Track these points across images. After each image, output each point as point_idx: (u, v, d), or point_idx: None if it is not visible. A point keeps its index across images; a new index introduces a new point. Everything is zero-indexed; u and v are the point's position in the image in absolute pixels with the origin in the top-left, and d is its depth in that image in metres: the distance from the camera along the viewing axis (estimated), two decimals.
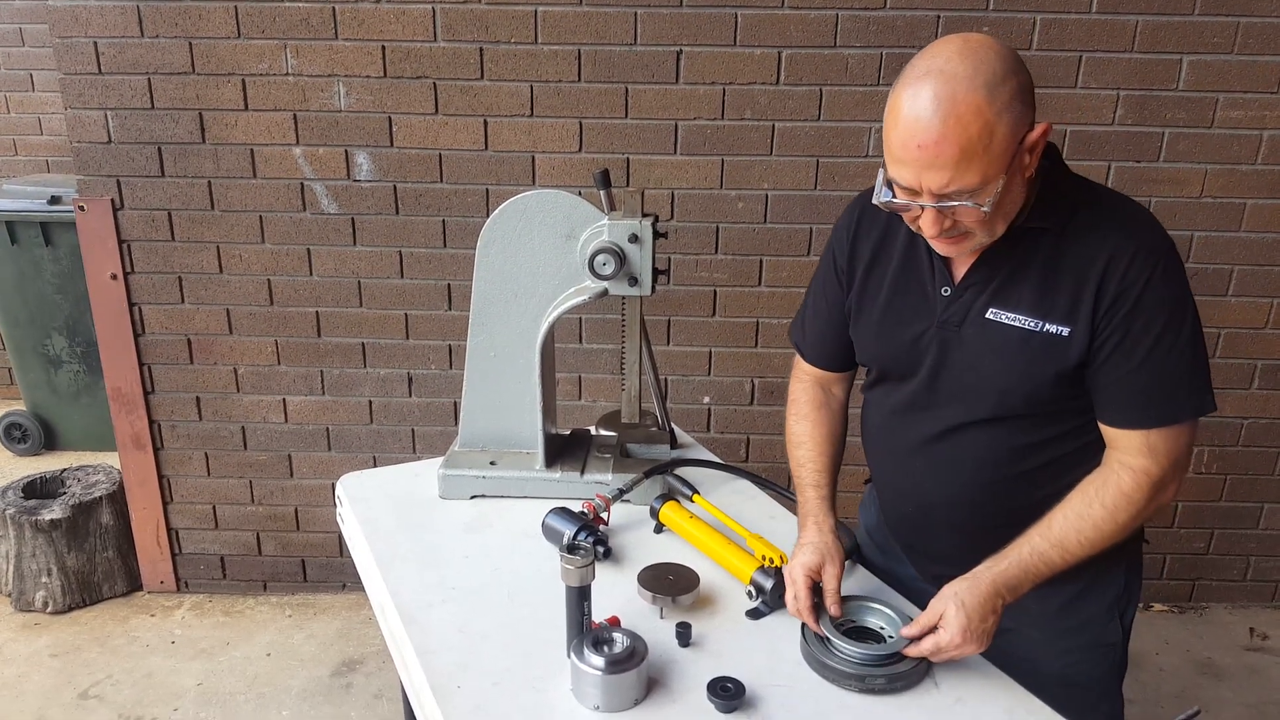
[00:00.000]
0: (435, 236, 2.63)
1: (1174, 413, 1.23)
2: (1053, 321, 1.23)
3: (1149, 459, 1.23)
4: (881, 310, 1.38)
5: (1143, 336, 1.21)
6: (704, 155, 2.55)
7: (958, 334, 1.30)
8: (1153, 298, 1.20)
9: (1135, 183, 2.55)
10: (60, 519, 2.84)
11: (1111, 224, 1.23)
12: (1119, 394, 1.24)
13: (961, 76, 1.10)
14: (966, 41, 1.13)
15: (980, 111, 1.10)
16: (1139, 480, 1.24)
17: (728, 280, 2.65)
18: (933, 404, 1.35)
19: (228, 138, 2.55)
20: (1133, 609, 1.44)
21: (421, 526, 1.65)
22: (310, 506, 2.91)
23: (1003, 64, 1.12)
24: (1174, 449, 1.24)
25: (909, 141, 1.13)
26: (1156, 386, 1.22)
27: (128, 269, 2.67)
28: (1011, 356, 1.26)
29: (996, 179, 1.13)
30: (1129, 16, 2.41)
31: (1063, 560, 1.24)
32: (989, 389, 1.29)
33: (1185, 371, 1.23)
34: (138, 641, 2.77)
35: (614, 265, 1.58)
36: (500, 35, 2.45)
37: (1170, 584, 2.97)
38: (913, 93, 1.12)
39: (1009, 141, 1.13)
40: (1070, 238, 1.23)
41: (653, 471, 1.71)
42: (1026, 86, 1.15)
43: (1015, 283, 1.26)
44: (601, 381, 2.77)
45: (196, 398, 2.80)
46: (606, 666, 1.18)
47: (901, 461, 1.42)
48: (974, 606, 1.20)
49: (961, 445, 1.34)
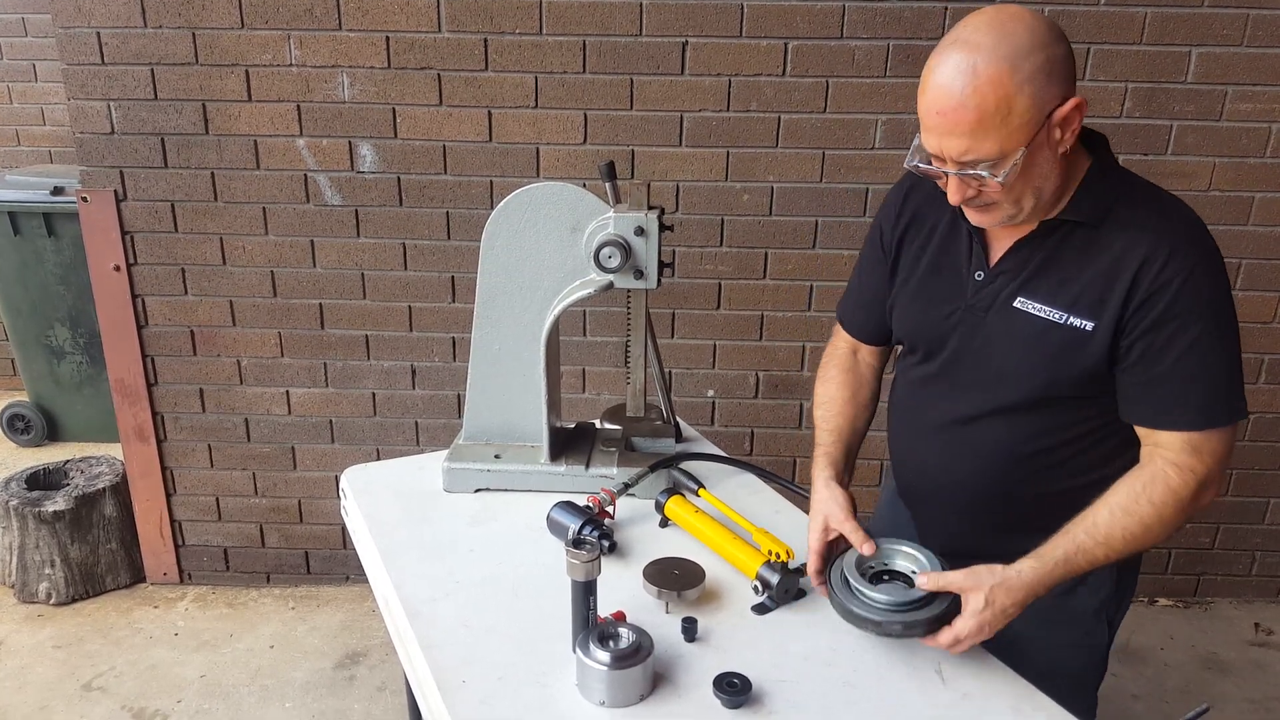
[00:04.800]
0: (439, 228, 2.62)
1: (1214, 415, 1.22)
2: (1078, 315, 1.23)
3: (1195, 458, 1.22)
4: (917, 285, 1.40)
5: (1178, 337, 1.19)
6: (709, 147, 2.53)
7: (984, 319, 1.31)
8: (1188, 299, 1.18)
9: (1143, 175, 2.53)
10: (63, 510, 2.84)
11: (1149, 221, 1.22)
12: (1153, 395, 1.23)
13: (985, 47, 1.12)
14: (999, 12, 1.15)
15: (999, 83, 1.11)
16: (1186, 479, 1.22)
17: (732, 273, 2.64)
18: (953, 386, 1.36)
19: (231, 129, 2.54)
20: (1121, 613, 1.45)
21: (426, 520, 1.64)
22: (313, 499, 2.91)
23: (1031, 37, 1.13)
24: (1219, 449, 1.23)
25: (931, 108, 1.16)
26: (1194, 390, 1.21)
27: (131, 260, 2.66)
28: (1033, 347, 1.26)
29: (1015, 151, 1.14)
30: (1137, 8, 2.39)
31: (1106, 557, 1.23)
32: (1008, 377, 1.30)
33: (1225, 372, 1.22)
34: (141, 633, 2.77)
35: (619, 258, 1.56)
36: (505, 26, 2.44)
37: (1175, 579, 2.97)
38: (939, 61, 1.16)
39: (1031, 114, 1.13)
40: (1106, 232, 1.22)
41: (658, 465, 1.70)
42: (1058, 60, 1.14)
43: (1046, 274, 1.26)
44: (605, 374, 2.76)
45: (200, 389, 2.79)
46: (612, 662, 1.18)
47: (917, 437, 1.44)
48: (1003, 606, 1.20)
49: (975, 431, 1.34)
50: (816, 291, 2.66)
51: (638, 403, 1.80)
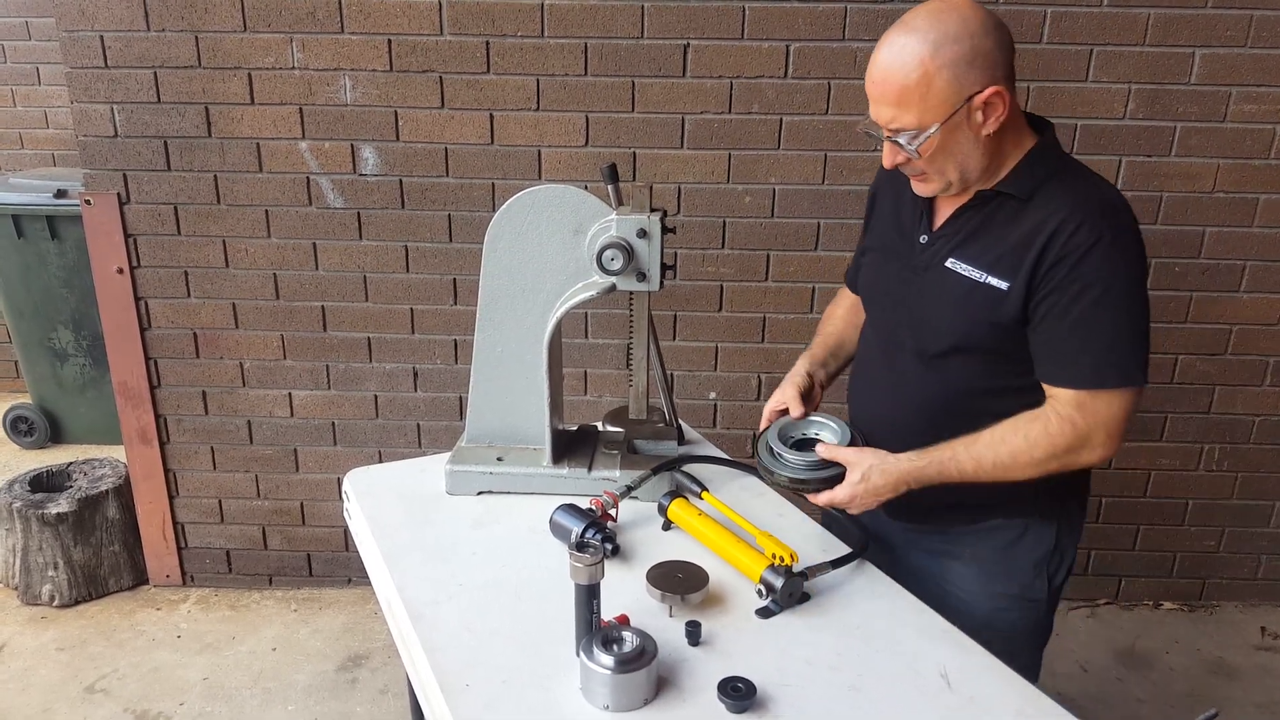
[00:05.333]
0: (441, 231, 2.62)
1: (1102, 376, 1.33)
2: (996, 275, 1.36)
3: (1077, 413, 1.34)
4: (879, 246, 1.57)
5: (1079, 300, 1.30)
6: (711, 149, 2.53)
7: (923, 277, 1.45)
8: (1093, 265, 1.29)
9: (1147, 177, 2.53)
10: (67, 513, 2.84)
11: (1070, 195, 1.33)
12: (1052, 352, 1.35)
13: (918, 31, 1.28)
14: (942, 3, 1.30)
15: (922, 62, 1.26)
16: (1063, 429, 1.34)
17: (734, 275, 2.64)
18: (895, 339, 1.51)
19: (234, 132, 2.54)
20: (1063, 574, 1.54)
21: (428, 522, 1.64)
22: (316, 501, 2.90)
23: (962, 27, 1.27)
24: (1105, 412, 1.33)
25: (868, 78, 1.33)
26: (1087, 350, 1.32)
27: (134, 263, 2.67)
28: (957, 303, 1.40)
29: (932, 125, 1.29)
30: (1140, 9, 2.39)
31: (975, 473, 1.38)
32: (937, 330, 1.43)
33: (1117, 341, 1.33)
34: (144, 635, 2.77)
35: (622, 260, 1.56)
36: (506, 29, 2.44)
37: (1180, 582, 2.96)
38: (883, 40, 1.32)
39: (948, 94, 1.28)
40: (1034, 205, 1.35)
41: (661, 468, 1.69)
42: (983, 51, 1.28)
43: (976, 238, 1.40)
44: (607, 376, 2.75)
45: (202, 392, 2.79)
46: (616, 666, 1.17)
47: (866, 386, 1.61)
48: (876, 485, 1.40)
49: (910, 380, 1.49)
50: (819, 293, 2.65)
51: (640, 405, 1.79)
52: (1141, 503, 2.87)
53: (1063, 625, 2.87)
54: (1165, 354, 2.71)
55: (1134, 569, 2.95)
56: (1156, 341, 2.68)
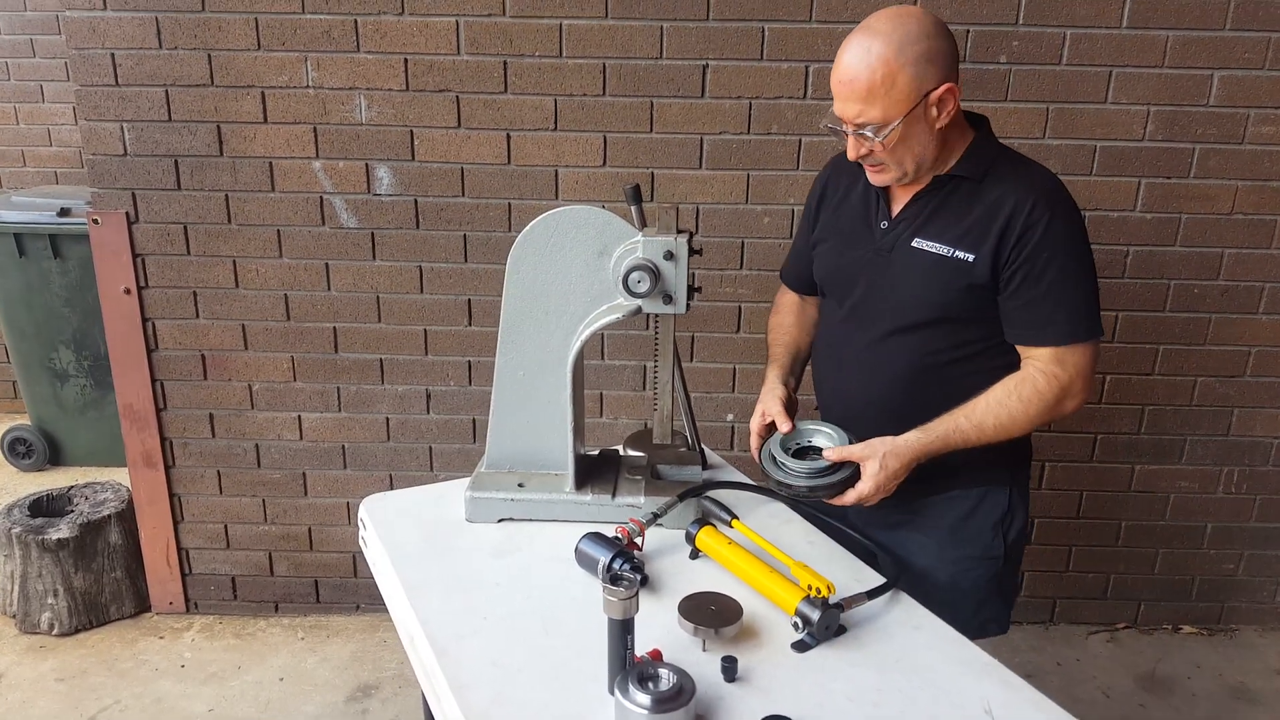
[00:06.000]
0: (456, 251, 2.59)
1: (1075, 331, 1.50)
2: (962, 249, 1.51)
3: (1059, 368, 1.51)
4: (832, 238, 1.71)
5: (1048, 268, 1.47)
6: (730, 170, 2.51)
7: (889, 258, 1.59)
8: (1053, 236, 1.46)
9: (1165, 199, 2.52)
10: (67, 538, 2.79)
11: (1018, 177, 1.52)
12: (1030, 316, 1.51)
13: (881, 33, 1.42)
14: (900, 9, 1.46)
15: (887, 61, 1.41)
16: (1050, 384, 1.50)
17: (752, 296, 2.61)
18: (864, 317, 1.63)
19: (246, 151, 2.52)
20: (1015, 531, 1.68)
21: (449, 551, 1.60)
22: (324, 526, 2.85)
23: (919, 29, 1.42)
24: (1080, 362, 1.51)
25: (836, 78, 1.46)
26: (1060, 310, 1.49)
27: (141, 283, 2.63)
28: (928, 276, 1.54)
29: (896, 118, 1.43)
30: (1159, 31, 2.38)
31: (979, 438, 1.52)
32: (910, 303, 1.56)
33: (1084, 298, 1.51)
34: (146, 665, 2.71)
35: (649, 283, 1.54)
36: (524, 48, 2.42)
37: (1200, 605, 2.92)
38: (847, 43, 1.45)
39: (910, 90, 1.42)
40: (985, 186, 1.52)
41: (687, 494, 1.65)
42: (939, 52, 1.43)
43: (937, 218, 1.55)
44: (624, 398, 2.72)
45: (210, 414, 2.75)
46: (653, 705, 1.13)
47: (837, 368, 1.71)
48: (894, 470, 1.50)
49: (885, 352, 1.61)
50: None
51: (665, 430, 1.75)
52: (1161, 526, 2.84)
53: (1083, 650, 2.84)
54: (1183, 376, 2.69)
55: (1153, 592, 2.91)
56: (1175, 364, 2.68)
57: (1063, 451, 2.76)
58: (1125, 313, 2.63)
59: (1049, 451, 2.75)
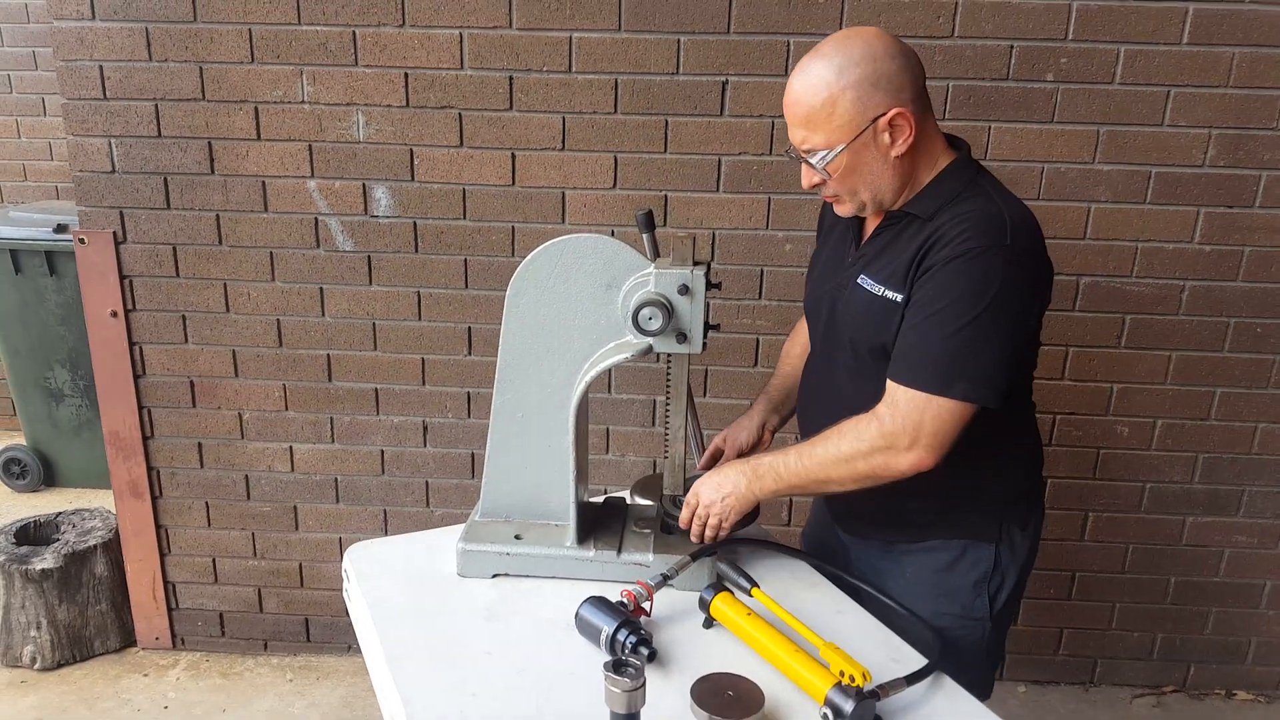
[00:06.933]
0: (457, 277, 2.47)
1: (916, 378, 1.36)
2: (891, 289, 1.42)
3: (889, 408, 1.38)
4: (819, 266, 1.67)
5: (925, 304, 1.36)
6: (749, 193, 2.38)
7: (843, 294, 1.53)
8: (949, 276, 1.33)
9: (1226, 230, 2.35)
10: (52, 569, 2.68)
11: (962, 214, 1.37)
12: (899, 344, 1.40)
13: (823, 55, 1.36)
14: (849, 31, 1.39)
15: (827, 85, 1.34)
16: (873, 424, 1.39)
17: (772, 328, 2.47)
18: (829, 348, 1.59)
19: (238, 169, 2.41)
20: (1005, 594, 1.56)
21: (437, 612, 1.46)
22: (315, 562, 2.73)
23: (865, 51, 1.34)
24: (912, 413, 1.35)
25: (784, 101, 1.41)
26: (915, 349, 1.37)
27: (129, 306, 2.52)
28: (864, 315, 1.47)
29: (839, 144, 1.37)
30: (1224, 48, 2.22)
31: (800, 468, 1.44)
32: (858, 338, 1.49)
33: (947, 351, 1.34)
34: (129, 705, 2.58)
35: (661, 320, 1.41)
36: (531, 63, 2.30)
37: (1256, 670, 2.73)
38: (796, 66, 1.40)
39: (852, 115, 1.35)
40: (933, 223, 1.40)
41: (700, 554, 1.50)
42: (886, 74, 1.34)
43: (882, 256, 1.47)
44: (631, 435, 2.57)
45: (198, 444, 2.64)
46: None
47: (810, 394, 1.69)
48: (707, 501, 1.50)
49: (835, 384, 1.57)
50: None
51: (677, 479, 1.62)
52: (1214, 583, 2.65)
53: (1127, 714, 2.65)
54: (1244, 423, 2.51)
55: (1205, 654, 2.72)
56: (1234, 409, 2.49)
57: (1108, 501, 2.59)
58: (1179, 352, 2.46)
59: (1093, 501, 2.58)
